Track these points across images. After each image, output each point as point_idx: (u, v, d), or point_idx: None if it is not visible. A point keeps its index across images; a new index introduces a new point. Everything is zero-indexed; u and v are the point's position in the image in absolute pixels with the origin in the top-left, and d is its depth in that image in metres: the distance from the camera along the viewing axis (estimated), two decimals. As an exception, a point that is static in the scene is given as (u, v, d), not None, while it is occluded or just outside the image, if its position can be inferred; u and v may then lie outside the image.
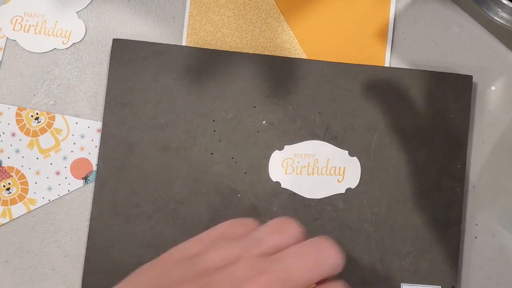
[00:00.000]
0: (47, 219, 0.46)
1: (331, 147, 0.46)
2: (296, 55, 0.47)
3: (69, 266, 0.45)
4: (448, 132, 0.46)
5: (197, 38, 0.47)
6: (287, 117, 0.46)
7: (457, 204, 0.45)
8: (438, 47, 0.47)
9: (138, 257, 0.44)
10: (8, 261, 0.45)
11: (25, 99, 0.46)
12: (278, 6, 0.48)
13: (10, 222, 0.46)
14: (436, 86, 0.46)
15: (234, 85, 0.46)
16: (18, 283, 0.45)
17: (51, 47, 0.47)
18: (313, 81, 0.46)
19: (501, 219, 0.46)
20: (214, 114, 0.46)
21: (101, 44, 0.47)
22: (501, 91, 0.47)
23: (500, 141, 0.47)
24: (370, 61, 0.47)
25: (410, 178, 0.45)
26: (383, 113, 0.46)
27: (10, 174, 0.46)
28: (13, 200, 0.46)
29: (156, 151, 0.45)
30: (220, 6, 0.47)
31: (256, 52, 0.47)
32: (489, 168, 0.47)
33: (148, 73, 0.46)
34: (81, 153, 0.46)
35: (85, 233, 0.45)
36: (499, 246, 0.46)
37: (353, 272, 0.44)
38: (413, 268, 0.45)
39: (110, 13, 0.48)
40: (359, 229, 0.45)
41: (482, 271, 0.46)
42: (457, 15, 0.48)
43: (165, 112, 0.46)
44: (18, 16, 0.47)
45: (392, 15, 0.48)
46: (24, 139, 0.46)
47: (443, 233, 0.45)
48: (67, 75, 0.47)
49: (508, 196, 0.46)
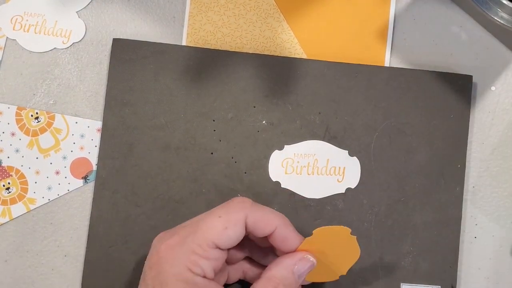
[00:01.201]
0: (46, 218, 0.46)
1: (331, 147, 0.46)
2: (296, 55, 0.47)
3: (68, 266, 0.45)
4: (448, 132, 0.46)
5: (197, 38, 0.47)
6: (287, 117, 0.46)
7: (457, 204, 0.45)
8: (438, 47, 0.47)
9: (138, 257, 0.44)
10: (8, 261, 0.45)
11: (25, 98, 0.46)
12: (278, 6, 0.48)
13: (10, 222, 0.46)
14: (436, 86, 0.46)
15: (234, 85, 0.46)
16: (17, 283, 0.45)
17: (51, 46, 0.47)
18: (313, 81, 0.46)
19: (501, 219, 0.46)
20: (214, 114, 0.46)
21: (101, 43, 0.47)
22: (501, 91, 0.47)
23: (500, 141, 0.47)
24: (370, 61, 0.47)
25: (410, 178, 0.45)
26: (383, 113, 0.46)
27: (10, 174, 0.46)
28: (12, 200, 0.46)
29: (156, 151, 0.45)
30: (220, 6, 0.47)
31: (256, 52, 0.47)
32: (489, 168, 0.47)
33: (148, 73, 0.46)
34: (81, 152, 0.46)
35: (85, 233, 0.45)
36: (499, 246, 0.46)
37: (353, 272, 0.44)
38: (412, 268, 0.45)
39: (110, 13, 0.48)
40: (359, 229, 0.45)
41: (481, 271, 0.46)
42: (457, 15, 0.48)
43: (165, 112, 0.46)
44: (18, 16, 0.47)
45: (392, 15, 0.48)
46: (24, 139, 0.46)
47: (443, 233, 0.45)
48: (67, 75, 0.47)
49: (507, 196, 0.46)
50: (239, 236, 0.36)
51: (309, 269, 0.37)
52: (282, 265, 0.37)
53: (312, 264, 0.37)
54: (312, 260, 0.37)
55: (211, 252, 0.35)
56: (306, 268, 0.37)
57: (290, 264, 0.37)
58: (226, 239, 0.35)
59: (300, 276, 0.37)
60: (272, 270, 0.37)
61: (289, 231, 0.37)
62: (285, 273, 0.36)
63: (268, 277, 0.36)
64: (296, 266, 0.37)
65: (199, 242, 0.35)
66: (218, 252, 0.35)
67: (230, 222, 0.35)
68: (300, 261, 0.37)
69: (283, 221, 0.38)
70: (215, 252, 0.35)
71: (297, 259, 0.37)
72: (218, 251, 0.35)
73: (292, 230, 0.38)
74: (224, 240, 0.35)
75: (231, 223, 0.35)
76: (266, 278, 0.36)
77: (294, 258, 0.37)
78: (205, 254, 0.34)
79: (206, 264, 0.34)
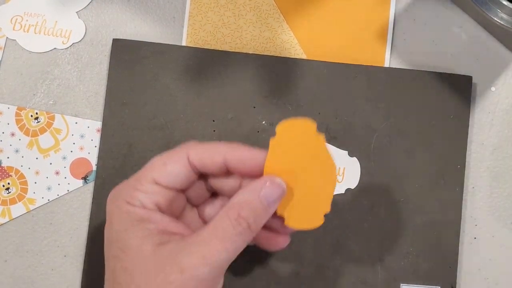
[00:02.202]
0: (46, 219, 0.46)
1: (330, 147, 0.46)
2: (296, 55, 0.47)
3: (68, 266, 0.45)
4: (448, 133, 0.46)
5: (197, 38, 0.47)
6: (286, 117, 0.46)
7: (457, 204, 0.45)
8: (438, 47, 0.47)
9: (138, 257, 0.44)
10: (8, 261, 0.45)
11: (24, 98, 0.46)
12: (278, 6, 0.48)
13: (10, 222, 0.46)
14: (436, 86, 0.46)
15: (234, 85, 0.46)
16: (17, 283, 0.45)
17: (51, 47, 0.47)
18: (313, 82, 0.46)
19: (501, 219, 0.46)
20: (214, 114, 0.46)
21: (101, 44, 0.47)
22: (501, 92, 0.47)
23: (500, 142, 0.47)
24: (370, 61, 0.47)
25: (410, 178, 0.45)
26: (383, 113, 0.46)
27: (10, 174, 0.46)
28: (12, 200, 0.46)
29: (156, 151, 0.45)
30: (220, 6, 0.47)
31: (256, 52, 0.47)
32: (489, 168, 0.47)
33: (148, 73, 0.46)
34: (80, 153, 0.46)
35: (84, 233, 0.45)
36: (499, 247, 0.46)
37: (353, 272, 0.44)
38: (412, 268, 0.45)
39: (110, 13, 0.48)
40: (359, 229, 0.45)
41: (481, 271, 0.46)
42: (457, 15, 0.48)
43: (164, 112, 0.46)
44: (18, 16, 0.47)
45: (392, 15, 0.48)
46: (24, 139, 0.46)
47: (442, 233, 0.45)
48: (66, 75, 0.47)
49: (507, 196, 0.46)
50: (180, 172, 0.34)
51: (278, 195, 0.33)
52: (246, 190, 0.33)
53: (282, 189, 0.33)
54: (280, 182, 0.33)
55: (149, 187, 0.33)
56: (274, 194, 0.33)
57: (255, 188, 0.33)
58: (165, 175, 0.34)
59: (270, 204, 0.33)
60: (235, 197, 0.33)
61: (242, 151, 0.34)
62: (249, 197, 0.33)
63: (232, 203, 0.33)
64: (263, 190, 0.33)
65: (138, 178, 0.34)
66: (158, 187, 0.34)
67: (169, 159, 0.34)
68: (267, 185, 0.33)
69: (232, 146, 0.34)
70: (154, 187, 0.34)
71: (263, 182, 0.33)
72: (159, 187, 0.34)
73: (247, 149, 0.34)
74: (163, 175, 0.34)
75: (170, 160, 0.34)
76: (230, 204, 0.33)
77: (260, 182, 0.33)
78: (143, 188, 0.33)
79: (143, 196, 0.33)
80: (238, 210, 0.32)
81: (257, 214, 0.33)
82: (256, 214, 0.33)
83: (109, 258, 0.33)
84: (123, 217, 0.33)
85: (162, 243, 0.32)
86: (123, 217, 0.33)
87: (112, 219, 0.33)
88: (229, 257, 0.32)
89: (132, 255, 0.32)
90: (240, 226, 0.32)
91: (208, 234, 0.32)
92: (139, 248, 0.32)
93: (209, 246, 0.31)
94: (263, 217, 0.33)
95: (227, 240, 0.32)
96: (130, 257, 0.32)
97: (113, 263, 0.33)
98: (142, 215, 0.33)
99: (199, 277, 0.31)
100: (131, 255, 0.32)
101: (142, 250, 0.32)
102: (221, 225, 0.32)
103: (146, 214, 0.33)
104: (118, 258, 0.32)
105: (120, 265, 0.32)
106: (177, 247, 0.32)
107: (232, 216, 0.32)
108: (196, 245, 0.31)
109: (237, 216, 0.32)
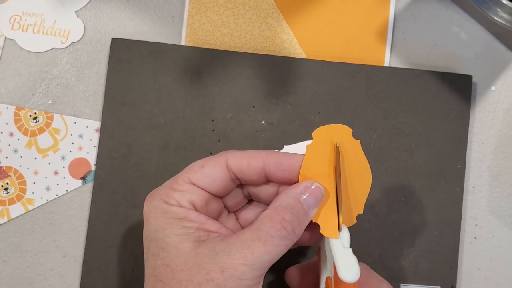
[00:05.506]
0: (45, 219, 0.46)
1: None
2: (296, 54, 0.47)
3: (67, 266, 0.45)
4: (448, 132, 0.46)
5: (196, 38, 0.47)
6: (286, 117, 0.46)
7: (457, 204, 0.45)
8: (438, 47, 0.47)
9: (137, 258, 0.44)
10: (6, 261, 0.45)
11: (23, 98, 0.46)
12: (277, 5, 0.47)
13: (8, 222, 0.45)
14: (436, 86, 0.46)
15: (233, 84, 0.46)
16: (16, 283, 0.45)
17: (50, 46, 0.47)
18: (313, 81, 0.46)
19: (501, 219, 0.46)
20: (213, 113, 0.46)
21: (99, 43, 0.47)
22: (501, 91, 0.47)
23: (500, 141, 0.47)
24: (370, 61, 0.47)
25: (410, 178, 0.45)
26: (383, 113, 0.46)
27: (8, 174, 0.46)
28: (11, 200, 0.45)
29: (155, 151, 0.45)
30: (219, 6, 0.47)
31: (255, 51, 0.47)
32: (489, 168, 0.47)
33: (147, 73, 0.46)
34: (79, 153, 0.46)
35: (83, 233, 0.45)
36: (499, 247, 0.46)
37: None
38: (412, 268, 0.45)
39: (108, 13, 0.47)
40: (359, 229, 0.45)
41: (481, 271, 0.46)
42: (457, 15, 0.48)
43: (164, 112, 0.46)
44: (17, 15, 0.47)
45: (392, 15, 0.47)
46: (22, 139, 0.46)
47: (443, 233, 0.45)
48: (65, 75, 0.47)
49: (508, 196, 0.46)
50: (218, 176, 0.35)
51: (318, 199, 0.34)
52: (287, 194, 0.34)
53: (321, 192, 0.34)
54: (318, 186, 0.34)
55: (185, 186, 0.34)
56: (314, 198, 0.34)
57: (296, 192, 0.34)
58: (202, 176, 0.34)
59: (310, 207, 0.33)
60: (277, 201, 0.34)
61: (279, 156, 0.34)
62: (291, 201, 0.33)
63: (275, 207, 0.33)
64: (303, 196, 0.33)
65: (175, 179, 0.35)
66: (194, 187, 0.34)
67: (208, 162, 0.35)
68: (306, 189, 0.34)
69: (269, 152, 0.35)
70: (191, 187, 0.34)
71: (303, 187, 0.34)
72: (195, 187, 0.34)
73: (284, 154, 0.35)
74: (200, 177, 0.34)
75: (208, 163, 0.35)
76: (273, 208, 0.33)
77: (299, 186, 0.34)
78: (179, 187, 0.34)
79: (179, 195, 0.34)
80: (282, 214, 0.33)
81: (300, 218, 0.33)
82: (300, 218, 0.33)
83: (149, 257, 0.34)
84: (160, 216, 0.33)
85: (200, 241, 0.33)
86: (160, 216, 0.33)
87: (150, 219, 0.34)
88: (271, 260, 0.32)
89: (172, 252, 0.32)
90: (285, 229, 0.32)
91: (250, 235, 0.32)
92: (178, 245, 0.32)
93: (251, 247, 0.32)
94: (305, 221, 0.34)
95: (269, 243, 0.32)
96: (170, 254, 0.32)
97: (153, 261, 0.33)
98: (179, 213, 0.33)
99: (239, 277, 0.31)
100: (171, 253, 0.32)
101: (181, 248, 0.32)
102: (264, 227, 0.32)
103: (182, 213, 0.33)
104: (159, 256, 0.33)
105: (160, 262, 0.33)
106: (217, 247, 0.32)
107: (276, 219, 0.32)
108: (238, 245, 0.32)
109: (281, 219, 0.32)
